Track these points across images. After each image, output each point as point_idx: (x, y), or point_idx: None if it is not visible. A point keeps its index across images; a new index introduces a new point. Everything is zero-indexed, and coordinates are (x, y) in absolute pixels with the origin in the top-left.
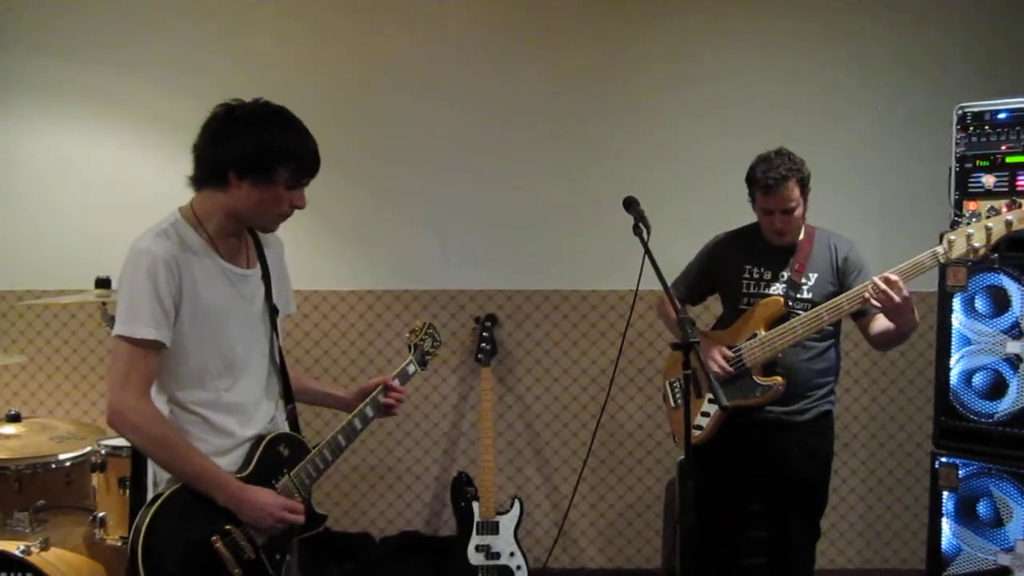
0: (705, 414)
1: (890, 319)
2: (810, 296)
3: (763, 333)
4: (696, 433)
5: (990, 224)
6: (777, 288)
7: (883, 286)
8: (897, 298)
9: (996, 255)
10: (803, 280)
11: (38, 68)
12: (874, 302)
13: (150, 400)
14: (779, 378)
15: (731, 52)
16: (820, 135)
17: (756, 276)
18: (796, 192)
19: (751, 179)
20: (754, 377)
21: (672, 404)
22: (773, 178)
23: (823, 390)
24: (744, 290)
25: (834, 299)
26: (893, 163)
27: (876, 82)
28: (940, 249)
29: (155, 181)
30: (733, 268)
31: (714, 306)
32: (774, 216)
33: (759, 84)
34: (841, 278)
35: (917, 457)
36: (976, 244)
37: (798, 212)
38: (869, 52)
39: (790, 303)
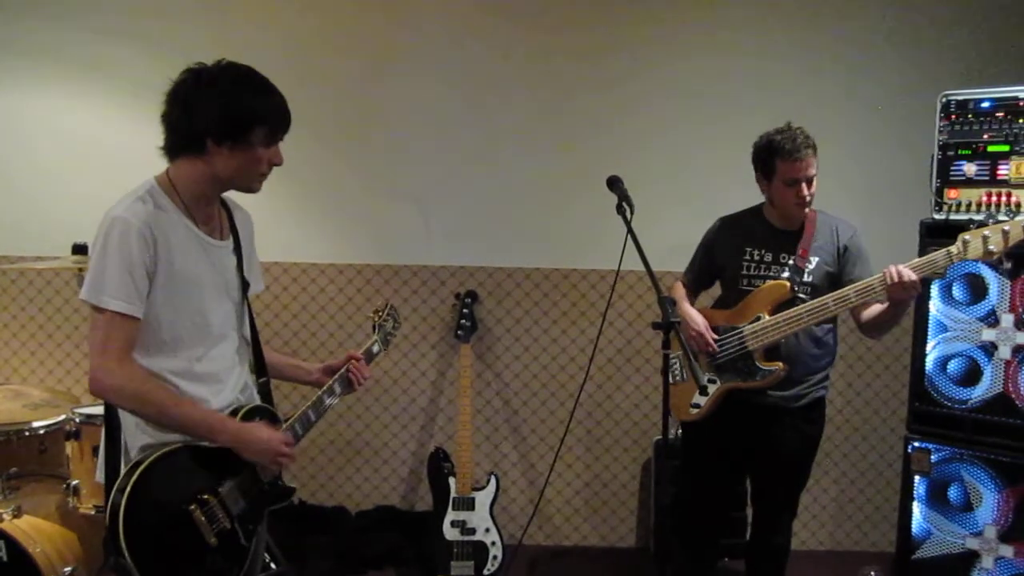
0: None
1: (890, 309)
2: (811, 279)
3: (767, 317)
4: (693, 412)
5: (1007, 227)
6: (779, 271)
7: (898, 280)
8: (909, 294)
9: (1010, 264)
10: (806, 264)
11: (21, 31)
12: (883, 292)
13: (132, 361)
14: (780, 364)
15: (718, 34)
16: (804, 119)
17: (757, 258)
18: (815, 160)
19: (771, 150)
20: (756, 361)
21: (670, 380)
22: (798, 144)
23: (819, 375)
24: (744, 272)
25: (842, 290)
26: (876, 149)
27: (862, 68)
28: (955, 249)
29: (135, 148)
30: (733, 251)
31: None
32: (799, 186)
33: (745, 66)
34: (840, 263)
35: (891, 441)
36: (992, 247)
37: (816, 183)
38: (856, 37)
39: (795, 288)
